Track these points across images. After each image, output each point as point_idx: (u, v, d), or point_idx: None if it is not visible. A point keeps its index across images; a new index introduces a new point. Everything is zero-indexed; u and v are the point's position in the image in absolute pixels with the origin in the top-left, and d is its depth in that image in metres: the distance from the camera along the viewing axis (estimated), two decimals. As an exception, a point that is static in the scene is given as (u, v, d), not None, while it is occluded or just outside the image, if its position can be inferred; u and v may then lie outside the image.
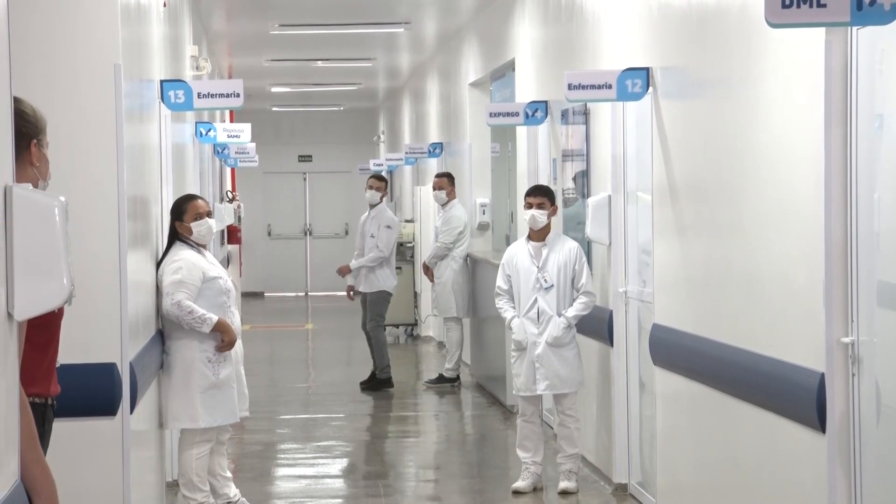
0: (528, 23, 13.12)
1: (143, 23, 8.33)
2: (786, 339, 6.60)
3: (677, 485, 8.58)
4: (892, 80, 5.48)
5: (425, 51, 19.94)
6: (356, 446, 11.96)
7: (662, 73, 8.81)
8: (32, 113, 4.59)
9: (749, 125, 7.15)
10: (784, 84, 6.66)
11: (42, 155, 4.56)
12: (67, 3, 6.87)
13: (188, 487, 8.78)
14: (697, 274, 8.08)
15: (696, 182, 8.12)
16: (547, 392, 9.75)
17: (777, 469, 6.80)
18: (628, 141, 9.72)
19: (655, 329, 8.79)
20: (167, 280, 8.51)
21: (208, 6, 15.00)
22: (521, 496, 9.69)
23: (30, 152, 4.54)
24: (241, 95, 9.87)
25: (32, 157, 4.53)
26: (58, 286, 4.22)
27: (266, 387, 15.13)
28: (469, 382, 15.31)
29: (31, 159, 4.54)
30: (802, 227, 6.33)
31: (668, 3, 8.61)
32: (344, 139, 30.58)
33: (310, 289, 30.65)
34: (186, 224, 8.77)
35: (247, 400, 9.24)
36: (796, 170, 6.45)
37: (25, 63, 6.55)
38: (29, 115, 4.56)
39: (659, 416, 8.86)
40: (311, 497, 10.07)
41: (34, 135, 4.55)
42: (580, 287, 9.71)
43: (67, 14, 6.87)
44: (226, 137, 13.98)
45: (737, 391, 7.29)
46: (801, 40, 6.13)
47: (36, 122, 4.60)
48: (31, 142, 4.51)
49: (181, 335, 8.57)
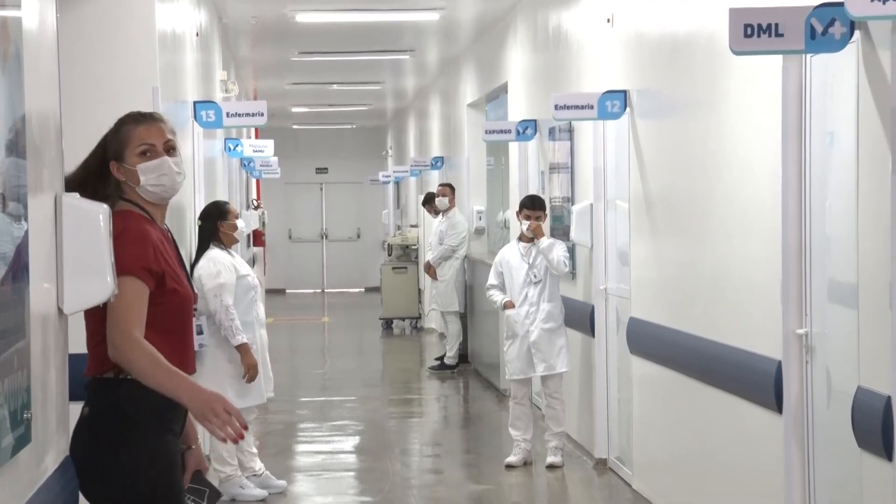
0: (519, 50, 13.12)
1: (178, 50, 8.33)
2: (747, 330, 6.60)
3: (651, 459, 8.58)
4: (842, 102, 5.48)
5: (428, 75, 19.94)
6: (367, 425, 11.96)
7: (638, 96, 8.81)
8: None
9: (715, 141, 7.15)
10: (746, 105, 6.66)
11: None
12: (111, 32, 6.88)
13: (219, 462, 8.78)
14: (669, 273, 8.08)
15: (669, 192, 8.12)
16: (544, 373, 9.75)
17: (739, 445, 6.79)
18: (608, 155, 9.72)
19: (632, 322, 8.79)
20: (211, 283, 8.44)
21: (236, 36, 15.00)
22: (512, 469, 9.68)
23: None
24: (265, 115, 9.88)
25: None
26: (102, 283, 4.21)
27: (287, 373, 15.12)
28: (467, 369, 15.31)
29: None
30: (762, 232, 6.33)
31: (643, 32, 8.61)
32: (356, 153, 30.57)
33: (326, 286, 30.65)
34: (231, 222, 8.71)
35: (272, 383, 9.23)
36: (757, 181, 6.45)
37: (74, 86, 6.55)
38: None
39: (635, 399, 8.86)
40: (328, 470, 10.06)
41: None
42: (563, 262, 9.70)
43: (111, 42, 6.88)
44: (251, 152, 13.99)
45: (704, 377, 7.29)
46: (761, 66, 6.13)
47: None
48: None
49: (214, 329, 8.56)
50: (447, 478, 9.65)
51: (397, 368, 16.49)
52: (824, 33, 5.13)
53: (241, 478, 8.82)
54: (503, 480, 9.40)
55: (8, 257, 3.43)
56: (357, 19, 13.98)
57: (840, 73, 5.45)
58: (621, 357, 9.36)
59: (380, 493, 9.07)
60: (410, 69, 19.17)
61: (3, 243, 3.39)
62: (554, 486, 9.29)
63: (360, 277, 29.96)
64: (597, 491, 9.11)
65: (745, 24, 5.24)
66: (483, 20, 14.11)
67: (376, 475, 9.69)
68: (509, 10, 13.34)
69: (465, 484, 9.42)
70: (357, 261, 30.41)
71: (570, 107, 9.25)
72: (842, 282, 5.54)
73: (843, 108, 5.46)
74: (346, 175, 30.63)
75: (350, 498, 9.05)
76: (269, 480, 9.02)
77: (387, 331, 20.02)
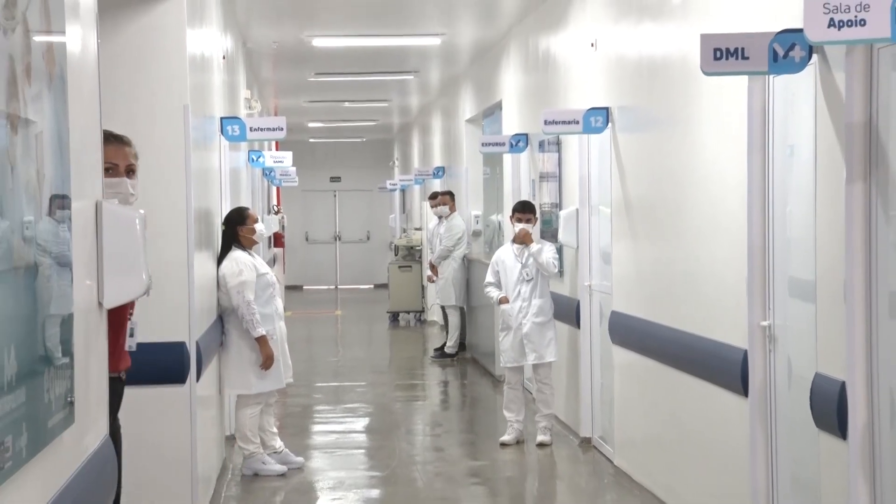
0: (512, 71, 13.12)
1: (206, 72, 8.33)
2: (717, 322, 6.60)
3: (630, 438, 8.58)
4: (801, 118, 5.49)
5: (430, 94, 19.94)
6: (375, 408, 11.96)
7: (619, 112, 8.81)
8: None
9: (688, 153, 7.15)
10: (716, 120, 6.67)
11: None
12: (146, 55, 6.88)
13: (243, 440, 8.78)
14: (647, 271, 8.08)
15: (646, 198, 8.12)
16: (535, 362, 9.76)
17: (709, 426, 6.79)
18: (592, 165, 9.72)
19: (613, 315, 8.79)
20: (234, 281, 8.46)
21: (258, 58, 15.01)
22: (506, 447, 9.69)
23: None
24: (284, 129, 9.88)
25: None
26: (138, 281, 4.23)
27: (304, 361, 15.12)
28: (465, 357, 15.31)
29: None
30: (730, 234, 6.33)
31: (623, 55, 8.61)
32: (366, 164, 30.56)
33: (339, 283, 30.64)
34: (251, 227, 8.73)
35: (290, 370, 9.24)
36: (725, 188, 6.45)
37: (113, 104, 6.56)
38: None
39: (616, 384, 8.86)
40: (341, 447, 10.07)
41: None
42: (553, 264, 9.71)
43: (146, 64, 6.88)
44: (272, 162, 13.99)
45: (678, 364, 7.29)
46: (729, 86, 6.13)
47: None
48: None
49: (237, 322, 8.56)
50: (448, 455, 9.65)
51: (403, 357, 16.49)
52: (785, 56, 5.14)
53: (264, 455, 8.83)
54: (498, 457, 9.40)
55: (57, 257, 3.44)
56: (367, 44, 13.99)
57: (799, 92, 5.46)
58: (604, 346, 9.37)
59: (387, 469, 9.08)
60: (414, 88, 19.17)
61: (52, 244, 3.40)
62: (543, 462, 9.30)
63: (369, 275, 29.97)
64: (582, 466, 9.11)
65: (714, 48, 5.24)
66: (480, 44, 14.12)
67: (384, 452, 9.69)
68: (503, 36, 13.35)
69: (464, 460, 9.42)
70: (367, 260, 30.41)
71: (558, 122, 9.26)
72: (801, 278, 5.54)
73: (802, 123, 5.47)
74: (357, 183, 30.63)
75: (361, 473, 9.06)
76: (289, 457, 9.03)
77: (393, 323, 20.03)
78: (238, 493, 8.35)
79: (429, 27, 12.89)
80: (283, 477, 8.77)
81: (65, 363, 3.53)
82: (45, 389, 3.28)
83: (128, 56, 6.81)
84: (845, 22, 4.15)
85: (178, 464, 6.95)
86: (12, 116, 3.01)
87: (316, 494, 8.35)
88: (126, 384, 5.09)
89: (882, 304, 4.67)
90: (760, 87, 5.60)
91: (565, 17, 10.38)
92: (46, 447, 3.30)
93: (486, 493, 8.37)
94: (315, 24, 12.64)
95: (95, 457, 4.02)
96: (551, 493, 8.51)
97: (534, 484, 8.74)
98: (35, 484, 3.26)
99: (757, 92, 5.60)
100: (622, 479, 8.48)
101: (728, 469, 6.48)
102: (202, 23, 8.04)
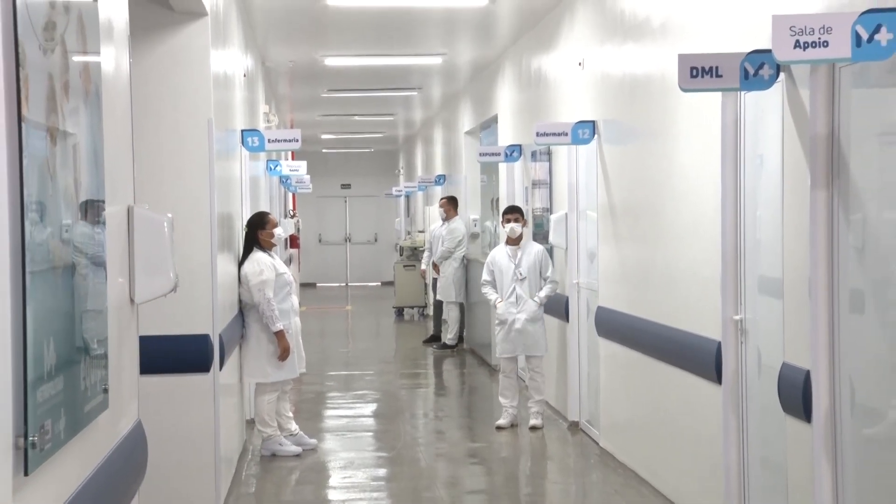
0: (507, 88, 13.12)
1: (228, 88, 8.34)
2: (693, 317, 6.60)
3: (615, 422, 8.58)
4: (770, 130, 5.49)
5: (432, 108, 19.94)
6: (382, 394, 11.96)
7: (605, 125, 8.81)
8: None
9: (667, 162, 7.15)
10: (692, 132, 6.67)
11: None
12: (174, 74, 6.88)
13: (261, 424, 8.79)
14: (630, 270, 8.08)
15: (629, 203, 8.12)
16: (524, 354, 9.76)
17: (686, 410, 6.79)
18: (580, 173, 9.72)
19: (599, 310, 8.79)
20: (256, 280, 8.47)
21: (276, 76, 15.00)
22: (501, 430, 9.69)
23: None
24: (300, 141, 9.89)
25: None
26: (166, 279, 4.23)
27: (317, 351, 15.12)
28: (464, 348, 15.32)
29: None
30: (706, 236, 6.33)
31: (608, 74, 8.61)
32: (374, 172, 30.56)
33: (349, 280, 30.63)
34: (269, 231, 8.73)
35: (304, 361, 9.23)
36: (701, 194, 6.45)
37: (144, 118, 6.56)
38: None
39: (602, 372, 8.86)
40: (351, 430, 10.07)
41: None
42: (547, 277, 9.73)
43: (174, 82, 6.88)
44: (289, 171, 13.98)
45: (658, 354, 7.29)
46: (704, 101, 6.13)
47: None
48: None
49: (256, 316, 8.57)
50: (448, 437, 9.65)
51: (407, 348, 16.47)
52: (755, 74, 5.14)
53: (280, 437, 8.84)
54: (494, 439, 9.40)
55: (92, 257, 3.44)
56: (375, 63, 13.99)
57: (768, 107, 5.46)
58: (591, 339, 9.36)
59: (393, 450, 9.08)
60: (418, 103, 19.17)
61: (88, 246, 3.40)
62: (535, 443, 9.29)
63: (376, 273, 29.96)
64: (570, 448, 9.11)
65: (691, 66, 5.25)
66: (477, 63, 14.12)
67: (390, 435, 9.69)
68: (498, 56, 13.35)
69: (463, 442, 9.42)
70: (374, 260, 30.40)
71: (549, 134, 9.26)
72: (770, 277, 5.54)
73: (770, 135, 5.47)
74: (366, 190, 30.63)
75: (369, 453, 9.06)
76: (303, 439, 9.03)
77: (399, 317, 20.01)
78: (257, 471, 8.35)
79: (431, 48, 12.89)
80: (298, 457, 8.77)
81: (100, 354, 3.53)
82: (82, 378, 3.29)
83: (157, 74, 6.81)
84: (810, 43, 4.16)
85: (203, 445, 6.95)
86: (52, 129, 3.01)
87: (328, 473, 8.35)
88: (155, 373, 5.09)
89: (843, 300, 4.68)
90: (733, 102, 5.61)
91: (555, 38, 10.38)
92: (83, 430, 3.31)
93: (484, 471, 8.37)
94: (327, 44, 12.65)
95: (127, 439, 4.03)
96: (542, 471, 8.51)
97: (527, 463, 8.74)
98: (73, 463, 3.26)
99: (730, 107, 5.60)
100: (607, 458, 8.48)
101: (703, 450, 6.49)
102: (225, 44, 8.04)
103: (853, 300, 4.65)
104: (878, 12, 4.11)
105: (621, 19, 8.16)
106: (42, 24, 2.93)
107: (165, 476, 6.69)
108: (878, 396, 4.53)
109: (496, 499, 7.54)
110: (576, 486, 7.95)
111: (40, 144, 2.90)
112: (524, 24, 11.29)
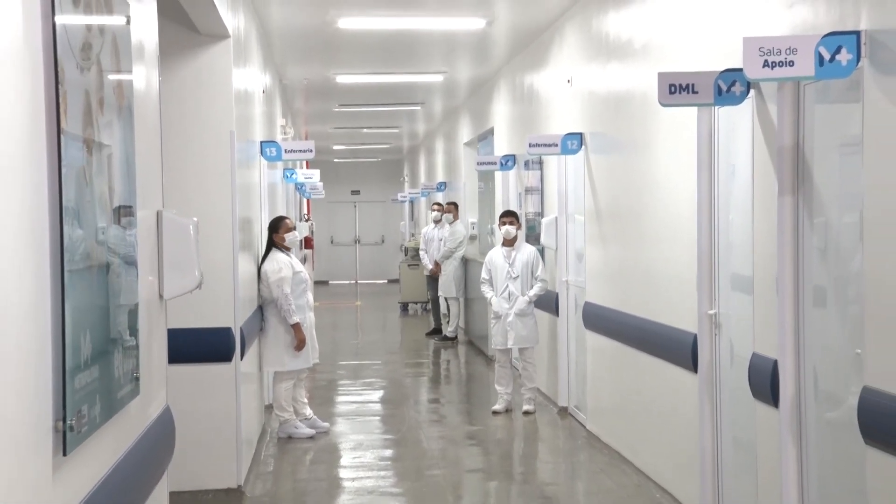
0: (502, 103, 13.12)
1: (248, 103, 8.35)
2: (672, 311, 6.61)
3: (600, 407, 8.58)
4: (741, 142, 5.49)
5: (434, 121, 19.94)
6: (389, 382, 11.96)
7: (591, 137, 8.81)
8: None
9: (648, 171, 7.15)
10: (671, 144, 6.67)
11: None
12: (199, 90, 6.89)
13: (278, 409, 8.79)
14: (614, 268, 8.08)
15: (614, 208, 8.12)
16: (515, 346, 9.76)
17: (666, 397, 6.80)
18: (568, 181, 9.72)
19: (586, 305, 8.79)
20: (275, 277, 8.48)
21: (292, 92, 15.00)
22: (497, 415, 9.68)
23: None
24: (313, 151, 9.88)
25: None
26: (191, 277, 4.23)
27: (330, 343, 15.12)
28: (463, 339, 15.31)
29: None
30: (683, 238, 6.33)
31: (594, 90, 8.61)
32: (381, 179, 30.55)
33: (358, 278, 30.61)
34: (281, 234, 8.75)
35: (317, 352, 9.23)
36: (679, 200, 6.45)
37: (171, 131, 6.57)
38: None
39: (588, 362, 8.86)
40: (360, 415, 10.06)
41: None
42: (537, 276, 9.72)
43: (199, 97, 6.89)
44: (303, 178, 14.00)
45: (639, 346, 7.29)
46: (682, 115, 6.14)
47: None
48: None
49: (275, 310, 8.57)
50: (448, 421, 9.65)
51: (411, 340, 16.46)
52: (728, 91, 5.14)
53: (296, 420, 8.84)
54: (490, 423, 9.40)
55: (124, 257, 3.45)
56: (382, 80, 13.99)
57: (740, 121, 5.47)
58: (578, 331, 9.36)
59: (398, 432, 9.08)
60: (421, 117, 19.17)
61: (120, 247, 3.41)
62: (528, 427, 9.29)
63: (383, 272, 29.95)
64: (560, 431, 9.11)
65: (669, 84, 5.25)
66: (475, 81, 14.12)
67: (396, 419, 9.69)
68: (494, 73, 13.35)
69: (462, 426, 9.42)
70: (381, 259, 30.39)
71: (540, 145, 9.26)
72: (741, 274, 5.55)
73: (742, 146, 5.48)
74: (373, 196, 30.61)
75: (377, 435, 9.06)
76: (317, 423, 9.04)
77: (403, 312, 19.99)
78: (275, 452, 8.36)
79: (433, 66, 12.90)
80: (312, 439, 8.77)
81: (131, 345, 3.54)
82: (115, 367, 3.29)
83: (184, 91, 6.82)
84: (777, 62, 4.17)
85: (226, 428, 6.95)
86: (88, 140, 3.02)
87: (339, 453, 8.35)
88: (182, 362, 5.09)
89: (808, 295, 4.69)
90: (707, 116, 5.61)
91: (546, 58, 10.38)
92: (116, 414, 3.32)
93: (481, 452, 8.37)
94: (339, 64, 12.65)
95: (157, 423, 4.03)
96: (534, 452, 8.51)
97: (520, 445, 8.74)
98: (107, 445, 3.27)
99: (704, 120, 5.61)
100: (593, 440, 8.48)
101: (680, 432, 6.49)
102: (246, 63, 8.05)
103: (816, 296, 4.66)
104: (839, 35, 4.12)
105: (606, 41, 8.16)
106: (79, 45, 2.94)
107: (192, 456, 6.70)
108: (838, 384, 4.53)
109: (492, 476, 7.54)
110: (565, 465, 7.95)
111: (78, 154, 2.91)
112: (518, 44, 11.30)
